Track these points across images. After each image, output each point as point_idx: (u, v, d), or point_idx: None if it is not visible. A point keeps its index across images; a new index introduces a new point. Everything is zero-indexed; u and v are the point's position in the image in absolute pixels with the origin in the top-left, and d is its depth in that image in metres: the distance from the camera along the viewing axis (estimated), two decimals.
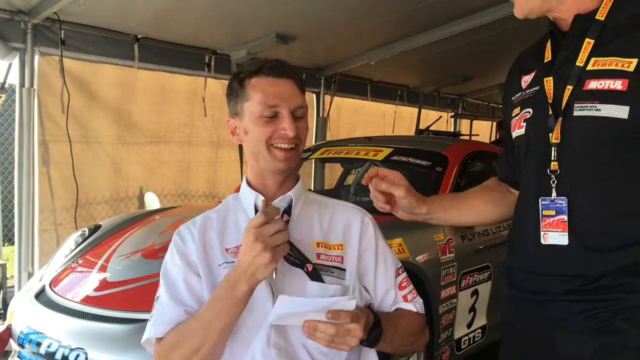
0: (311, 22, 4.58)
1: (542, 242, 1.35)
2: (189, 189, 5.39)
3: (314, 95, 6.44)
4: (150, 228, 3.25)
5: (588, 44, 1.31)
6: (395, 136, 6.19)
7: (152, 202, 4.65)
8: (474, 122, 9.15)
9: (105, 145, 4.75)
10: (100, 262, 2.92)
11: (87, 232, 3.31)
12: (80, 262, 3.00)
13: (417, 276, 2.79)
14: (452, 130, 8.84)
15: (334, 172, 5.32)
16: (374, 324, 1.32)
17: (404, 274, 1.50)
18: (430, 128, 6.69)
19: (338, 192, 4.58)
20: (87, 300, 2.63)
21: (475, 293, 3.31)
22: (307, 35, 4.78)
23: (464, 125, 9.38)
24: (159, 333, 1.34)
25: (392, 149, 3.80)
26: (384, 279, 1.46)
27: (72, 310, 2.59)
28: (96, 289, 2.71)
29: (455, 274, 3.13)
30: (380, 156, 3.78)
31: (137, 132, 4.95)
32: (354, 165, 4.43)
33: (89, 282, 2.79)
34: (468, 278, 3.23)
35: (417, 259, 2.90)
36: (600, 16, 1.31)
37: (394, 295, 1.46)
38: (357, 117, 7.09)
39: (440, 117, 7.84)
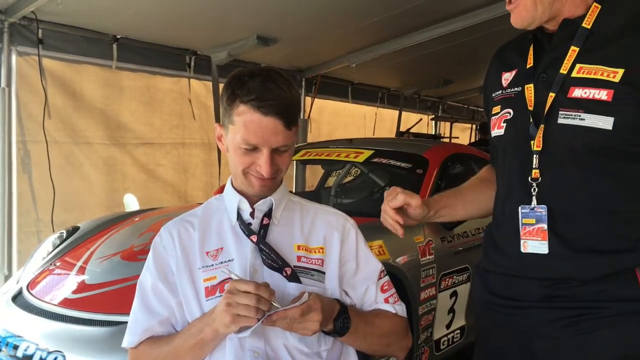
0: (293, 25, 4.57)
1: (522, 250, 1.35)
2: (188, 191, 5.35)
3: None
4: (129, 230, 3.22)
5: (573, 51, 1.30)
6: (376, 138, 6.21)
7: (131, 203, 4.60)
8: (454, 124, 9.24)
9: (97, 146, 4.69)
10: (79, 264, 2.88)
11: (65, 234, 3.27)
12: (58, 264, 2.96)
13: (397, 278, 2.81)
14: (433, 133, 8.91)
15: (315, 174, 5.32)
16: (340, 312, 1.33)
17: (386, 278, 1.50)
18: (411, 130, 6.73)
19: (319, 194, 4.58)
20: (65, 302, 2.59)
21: (455, 294, 3.34)
22: (289, 37, 4.78)
23: (445, 127, 9.45)
24: (132, 343, 1.38)
25: (372, 151, 3.82)
26: (365, 282, 1.46)
27: (49, 312, 2.56)
28: (74, 292, 2.67)
29: (435, 276, 3.15)
30: (361, 158, 3.79)
31: (128, 134, 4.89)
32: (335, 167, 4.44)
33: (67, 285, 2.76)
34: (447, 279, 3.26)
35: (397, 260, 2.92)
36: (587, 24, 1.30)
37: (374, 296, 1.47)
38: (338, 119, 7.10)
39: (421, 119, 7.90)
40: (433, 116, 9.05)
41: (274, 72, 1.34)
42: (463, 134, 9.78)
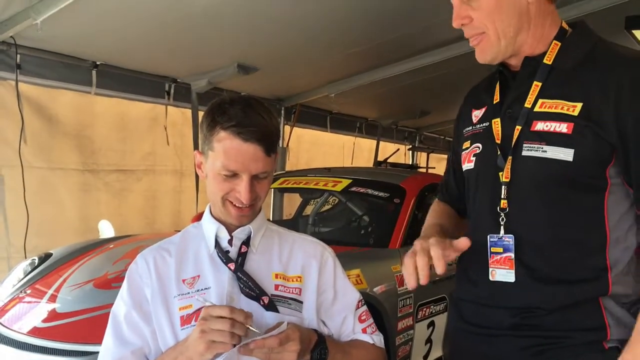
0: (273, 54, 4.62)
1: (490, 278, 1.38)
2: (155, 218, 5.29)
3: None
4: (103, 257, 3.17)
5: (536, 86, 1.35)
6: (354, 167, 6.25)
7: (105, 230, 4.54)
8: (431, 155, 9.34)
9: (71, 171, 4.64)
10: (50, 291, 2.82)
11: (36, 261, 3.21)
12: (28, 291, 2.89)
13: (374, 307, 2.80)
14: (410, 163, 8.98)
15: (292, 202, 5.32)
16: (317, 343, 1.32)
17: (364, 307, 1.50)
18: (388, 160, 6.78)
19: (297, 222, 4.57)
20: (35, 331, 2.53)
21: (432, 325, 3.33)
22: (269, 66, 4.81)
23: (421, 157, 9.54)
24: None
25: (351, 180, 3.84)
26: (342, 312, 1.46)
27: (18, 342, 2.50)
28: (44, 320, 2.61)
29: (412, 306, 3.15)
30: (339, 187, 3.81)
31: (102, 159, 4.85)
32: (313, 196, 4.45)
33: (37, 313, 2.69)
34: (425, 309, 3.26)
35: (374, 290, 2.91)
36: (548, 60, 1.35)
37: (351, 326, 1.46)
38: (316, 147, 7.13)
39: (398, 149, 7.96)
40: (410, 146, 9.14)
41: (254, 100, 1.36)
42: (439, 165, 9.86)
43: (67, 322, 2.56)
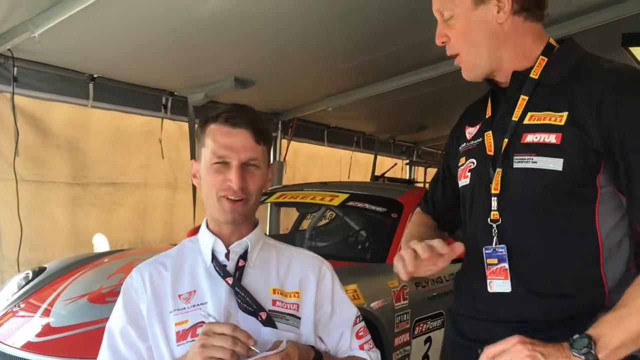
0: (270, 68, 4.63)
1: (489, 289, 1.39)
2: (146, 231, 5.27)
3: None
4: (98, 271, 3.15)
5: (523, 100, 1.39)
6: (351, 182, 6.25)
7: (100, 244, 4.51)
8: (428, 169, 9.34)
9: (61, 185, 4.63)
10: (44, 306, 2.80)
11: (30, 275, 3.18)
12: (22, 306, 2.87)
13: (371, 323, 2.78)
14: (407, 178, 8.99)
15: (289, 217, 5.30)
16: (314, 359, 1.32)
17: (362, 324, 1.49)
18: (386, 175, 6.78)
19: (293, 236, 4.55)
20: (29, 346, 2.51)
21: (429, 340, 3.31)
22: (266, 80, 4.82)
23: (418, 172, 9.55)
24: None
25: (348, 195, 3.83)
26: (340, 327, 1.45)
27: (11, 357, 2.48)
28: (38, 335, 2.59)
29: (409, 321, 3.13)
30: (336, 202, 3.80)
31: (92, 173, 4.84)
32: (310, 210, 4.44)
33: (30, 327, 2.67)
34: (422, 325, 3.24)
35: (371, 305, 2.89)
36: (535, 74, 1.39)
37: (348, 342, 1.45)
38: (313, 162, 7.13)
39: (396, 164, 7.97)
40: (407, 161, 9.15)
41: (245, 104, 1.42)
42: None
43: (61, 336, 2.54)
